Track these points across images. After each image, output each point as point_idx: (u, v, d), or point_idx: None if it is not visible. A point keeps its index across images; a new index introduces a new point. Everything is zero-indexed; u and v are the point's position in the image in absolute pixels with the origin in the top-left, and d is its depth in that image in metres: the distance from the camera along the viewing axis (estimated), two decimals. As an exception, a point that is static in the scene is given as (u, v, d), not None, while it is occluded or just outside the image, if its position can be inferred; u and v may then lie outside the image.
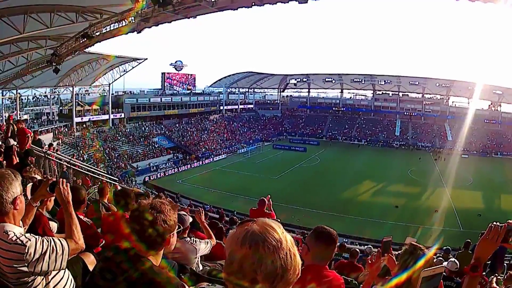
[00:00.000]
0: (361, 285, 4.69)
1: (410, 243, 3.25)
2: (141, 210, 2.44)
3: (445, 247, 14.08)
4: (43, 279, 2.63)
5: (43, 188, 3.29)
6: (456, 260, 8.86)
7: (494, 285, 6.93)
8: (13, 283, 2.52)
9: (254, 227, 1.46)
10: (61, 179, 3.23)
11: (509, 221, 2.46)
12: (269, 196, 9.71)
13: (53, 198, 4.28)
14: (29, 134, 12.52)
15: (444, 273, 8.72)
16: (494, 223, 2.49)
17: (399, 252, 3.48)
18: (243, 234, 1.45)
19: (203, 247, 5.04)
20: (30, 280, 2.55)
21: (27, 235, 2.58)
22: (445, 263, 9.24)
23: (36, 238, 2.57)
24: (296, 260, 1.46)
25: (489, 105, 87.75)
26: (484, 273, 8.44)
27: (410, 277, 2.99)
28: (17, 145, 11.33)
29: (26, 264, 2.45)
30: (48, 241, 2.60)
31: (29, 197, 3.29)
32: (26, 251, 2.46)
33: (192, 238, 5.02)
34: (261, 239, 1.41)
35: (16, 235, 2.54)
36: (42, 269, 2.51)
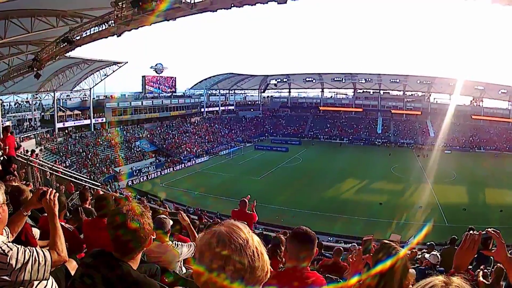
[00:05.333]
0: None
1: (383, 242, 3.25)
2: (120, 214, 2.47)
3: (429, 242, 14.22)
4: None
5: (34, 197, 3.26)
6: (438, 254, 9.06)
7: (481, 278, 7.06)
8: None
9: (222, 228, 1.55)
10: (50, 190, 3.21)
11: (488, 229, 2.53)
12: (249, 196, 9.76)
13: None
14: (8, 146, 12.40)
15: (427, 265, 8.99)
16: (470, 232, 2.56)
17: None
18: (211, 234, 1.53)
19: (186, 250, 5.00)
20: None
21: (9, 244, 2.49)
22: (427, 255, 9.50)
23: (18, 248, 2.48)
24: (263, 258, 1.55)
25: (471, 101, 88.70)
26: (470, 267, 8.63)
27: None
28: (2, 153, 11.28)
29: (8, 273, 2.37)
30: (30, 251, 2.52)
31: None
32: (8, 260, 2.38)
33: (174, 242, 5.01)
34: (227, 238, 1.49)
35: None
36: (24, 278, 2.44)
